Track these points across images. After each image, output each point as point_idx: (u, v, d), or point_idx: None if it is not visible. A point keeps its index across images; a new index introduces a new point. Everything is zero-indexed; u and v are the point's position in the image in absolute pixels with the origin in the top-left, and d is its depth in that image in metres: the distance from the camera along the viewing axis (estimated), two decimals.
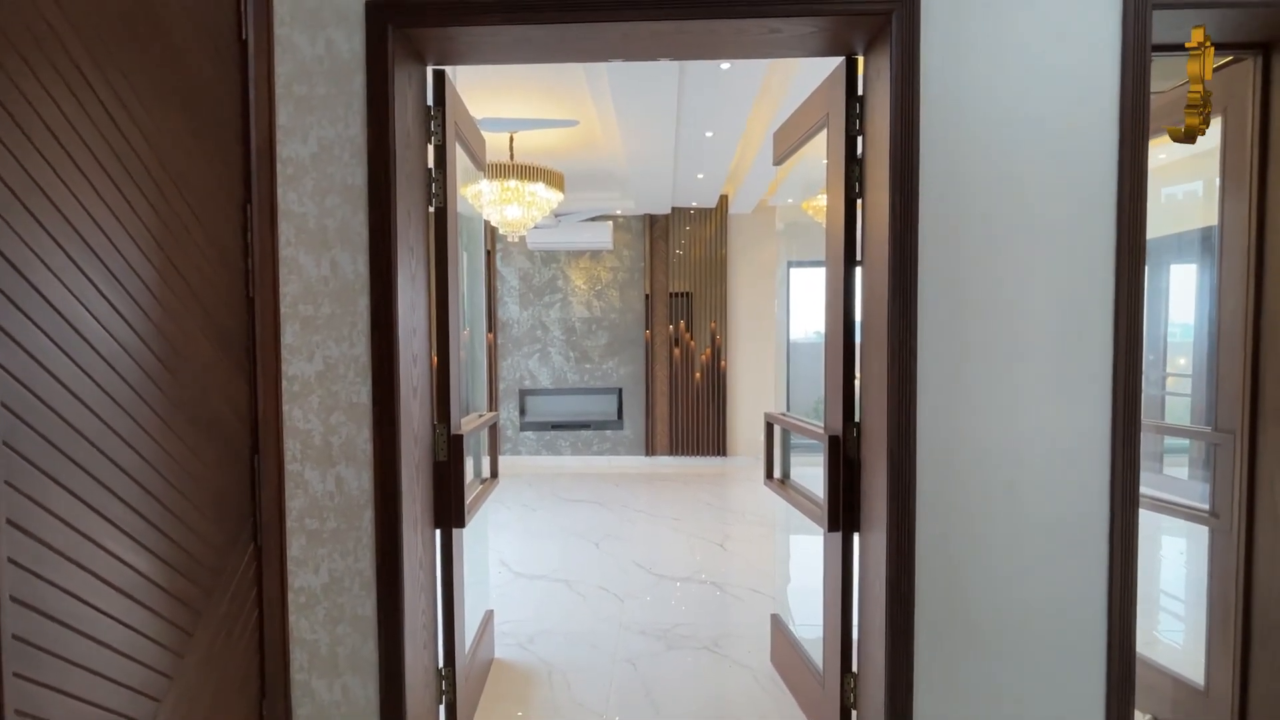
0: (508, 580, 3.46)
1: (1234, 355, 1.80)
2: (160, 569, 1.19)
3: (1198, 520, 1.92)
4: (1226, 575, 1.84)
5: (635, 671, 2.47)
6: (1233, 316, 1.82)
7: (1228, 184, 1.84)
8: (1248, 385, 1.75)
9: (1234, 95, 1.81)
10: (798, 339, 6.85)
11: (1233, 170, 1.82)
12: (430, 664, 1.84)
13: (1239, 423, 1.77)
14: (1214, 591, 1.88)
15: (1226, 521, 1.83)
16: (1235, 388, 1.80)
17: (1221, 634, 1.85)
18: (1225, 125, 1.84)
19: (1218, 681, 1.87)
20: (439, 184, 1.82)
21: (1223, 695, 1.85)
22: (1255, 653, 1.76)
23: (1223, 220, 1.86)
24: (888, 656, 1.58)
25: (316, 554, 1.63)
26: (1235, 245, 1.81)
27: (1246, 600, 1.77)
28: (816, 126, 1.98)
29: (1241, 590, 1.78)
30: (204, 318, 1.33)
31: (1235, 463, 1.78)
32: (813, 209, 4.75)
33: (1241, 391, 1.76)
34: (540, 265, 6.73)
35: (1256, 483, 1.75)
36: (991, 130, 1.54)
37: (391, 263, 1.55)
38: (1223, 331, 1.85)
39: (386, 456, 1.59)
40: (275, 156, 1.54)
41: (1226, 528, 1.83)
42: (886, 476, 1.56)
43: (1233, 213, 1.82)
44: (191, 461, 1.28)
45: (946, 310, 1.56)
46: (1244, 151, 1.77)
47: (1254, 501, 1.76)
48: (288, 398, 1.60)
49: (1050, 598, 1.57)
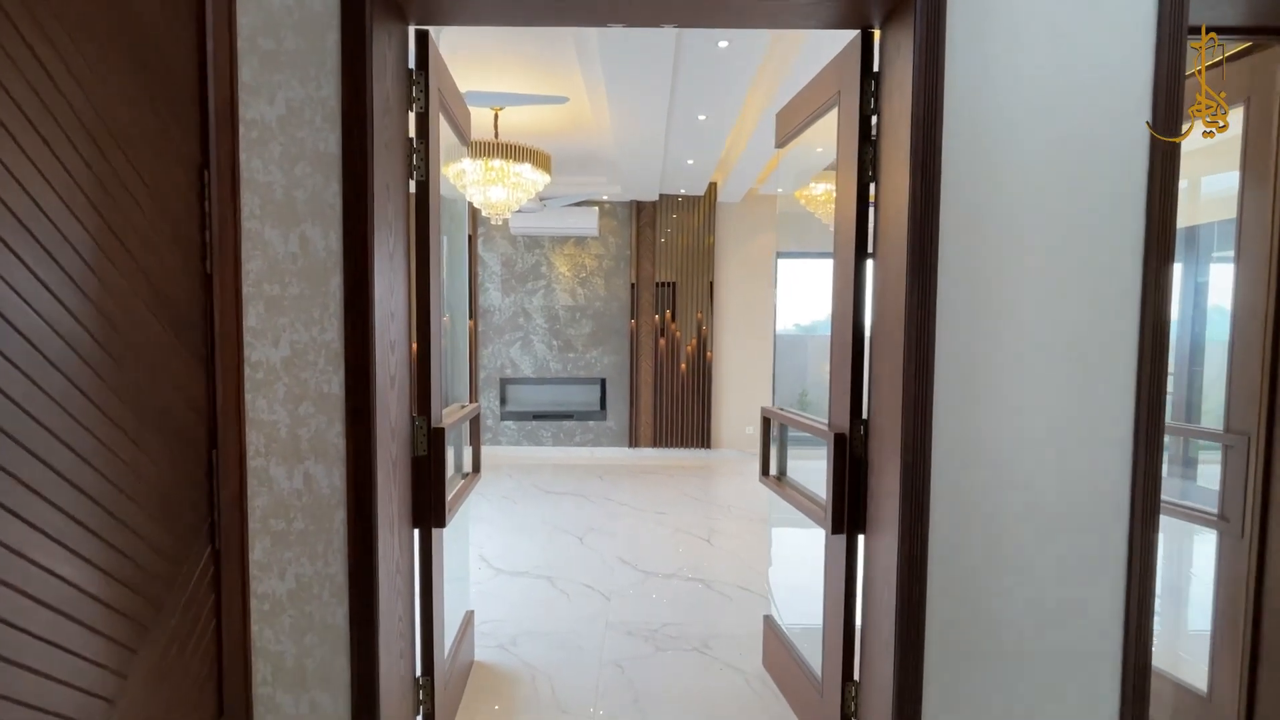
0: (488, 577, 3.34)
1: (1250, 355, 1.75)
2: (100, 581, 1.05)
3: (1204, 523, 1.87)
4: (1234, 579, 1.79)
5: (622, 675, 2.38)
6: (1249, 315, 1.76)
7: (1248, 176, 1.77)
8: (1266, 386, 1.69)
9: (1258, 83, 1.74)
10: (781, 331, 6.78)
11: (1255, 161, 1.75)
12: (407, 674, 1.71)
13: (1255, 424, 1.72)
14: (1221, 596, 1.84)
15: (1236, 525, 1.78)
16: (1250, 389, 1.74)
17: (1228, 639, 1.80)
18: (1248, 114, 1.77)
19: (1222, 688, 1.83)
20: (420, 155, 1.67)
21: (1227, 702, 1.81)
22: (1264, 659, 1.72)
23: (1241, 214, 1.79)
24: (896, 666, 1.49)
25: (282, 558, 1.49)
26: (1255, 240, 1.74)
27: (1257, 605, 1.73)
28: (826, 106, 1.87)
29: (1252, 594, 1.74)
30: (153, 296, 1.18)
31: (1249, 465, 1.73)
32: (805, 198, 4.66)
33: (1260, 393, 1.70)
34: (523, 250, 6.56)
35: (1271, 487, 1.70)
36: (1016, 112, 1.44)
37: (367, 239, 1.41)
38: (1238, 330, 1.79)
39: (361, 452, 1.46)
40: (237, 118, 1.39)
41: (1236, 531, 1.78)
42: (899, 477, 1.47)
43: (1253, 206, 1.76)
44: (138, 459, 1.14)
45: (964, 303, 1.46)
46: (1269, 142, 1.70)
47: (1268, 505, 1.70)
48: (250, 386, 1.45)
49: (1064, 608, 1.50)
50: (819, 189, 4.42)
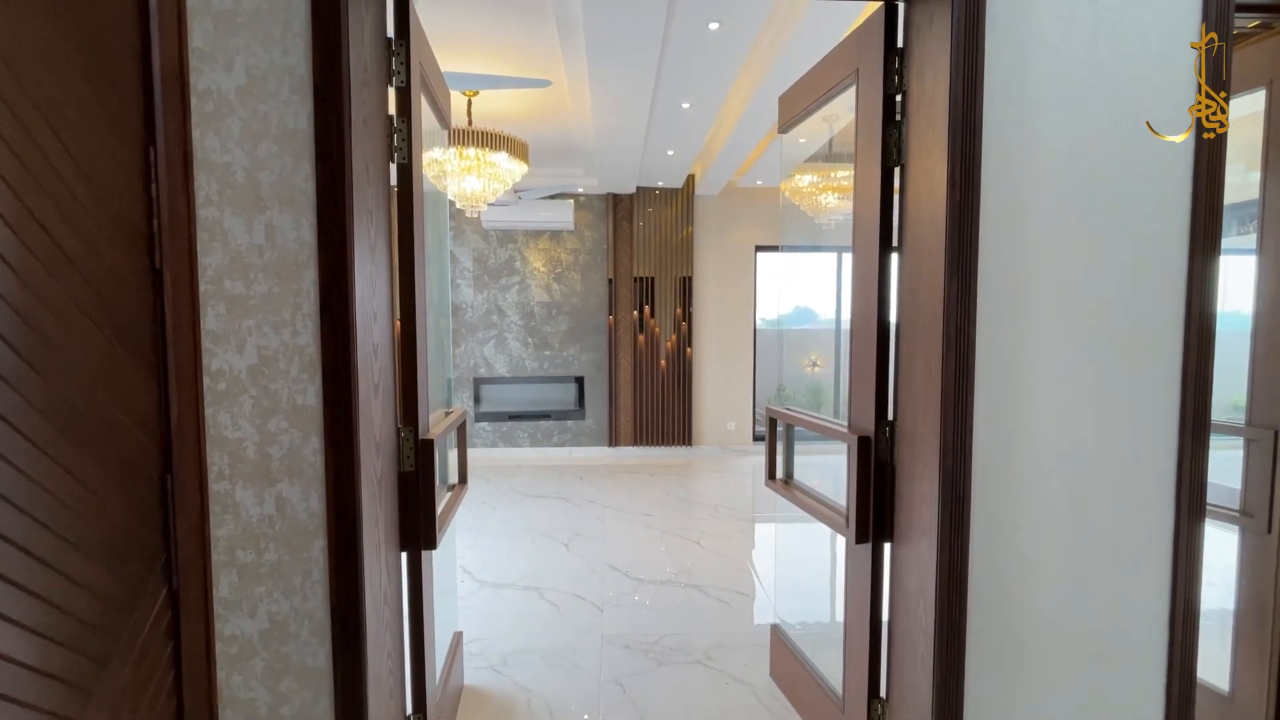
0: (472, 590, 3.16)
1: (1275, 345, 1.69)
2: (26, 643, 0.86)
3: (1226, 520, 1.82)
4: (1260, 576, 1.74)
5: (624, 694, 2.24)
6: (1273, 305, 1.71)
7: (1271, 161, 1.72)
8: None
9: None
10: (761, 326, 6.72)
11: (1278, 143, 1.70)
12: (397, 714, 1.54)
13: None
14: (1244, 593, 1.79)
15: (1262, 521, 1.73)
16: (1276, 381, 1.69)
17: (1253, 638, 1.76)
18: (1271, 97, 1.71)
19: (1245, 688, 1.79)
20: (403, 135, 1.49)
21: (1251, 702, 1.77)
22: None
23: (1264, 200, 1.74)
24: (935, 684, 1.39)
25: (252, 594, 1.30)
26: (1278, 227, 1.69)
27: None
28: (840, 86, 1.75)
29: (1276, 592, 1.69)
30: (90, 298, 0.98)
31: (1277, 460, 1.68)
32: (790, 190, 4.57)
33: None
34: (496, 245, 6.33)
35: None
36: (1057, 90, 1.34)
37: (346, 229, 1.23)
38: (1261, 321, 1.74)
39: (342, 471, 1.28)
40: (188, 87, 1.19)
41: (1261, 527, 1.73)
42: (938, 483, 1.36)
43: (1276, 189, 1.70)
44: (75, 493, 0.95)
45: (1006, 296, 1.36)
46: None
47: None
48: (211, 400, 1.26)
49: (1107, 617, 1.42)
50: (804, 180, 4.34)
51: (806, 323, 6.63)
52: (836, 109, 1.97)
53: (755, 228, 6.55)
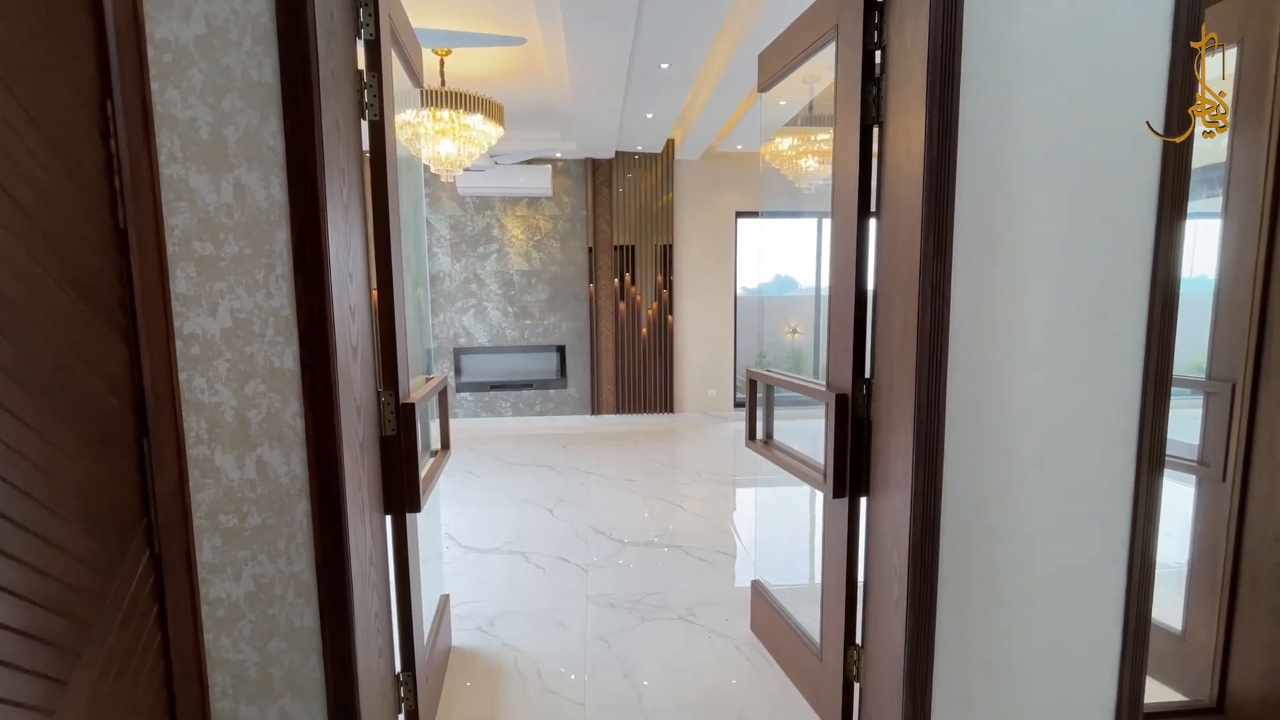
0: (458, 556, 3.19)
1: (1237, 303, 1.75)
2: (13, 608, 0.86)
3: (1184, 469, 1.90)
4: (1214, 522, 1.83)
5: (609, 650, 2.30)
6: (1238, 263, 1.75)
7: (1239, 120, 1.74)
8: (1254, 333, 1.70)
9: (1253, 21, 1.70)
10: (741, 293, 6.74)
11: (1247, 104, 1.72)
12: (387, 671, 1.57)
13: (1241, 371, 1.73)
14: (1199, 539, 1.88)
15: (1217, 470, 1.81)
16: (1237, 336, 1.75)
17: (1206, 581, 1.86)
18: (1241, 54, 1.73)
19: (1197, 629, 1.89)
20: (373, 91, 1.45)
21: (1201, 641, 1.88)
22: (1241, 599, 1.78)
23: (1231, 158, 1.77)
24: (908, 629, 1.45)
25: (237, 557, 1.30)
26: (1245, 186, 1.73)
27: (1237, 547, 1.77)
28: (820, 41, 1.73)
29: (1233, 537, 1.78)
30: (52, 258, 0.95)
31: (1234, 411, 1.75)
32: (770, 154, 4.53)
33: (1247, 340, 1.71)
34: (473, 213, 6.21)
35: (1256, 432, 1.72)
36: (1036, 40, 1.34)
37: (318, 186, 1.20)
38: (1224, 280, 1.79)
39: (324, 434, 1.28)
40: (144, 36, 1.14)
41: (1217, 476, 1.81)
42: (912, 435, 1.40)
43: (1243, 150, 1.73)
44: (47, 456, 0.93)
45: (979, 253, 1.38)
46: (1264, 84, 1.67)
47: (1251, 449, 1.73)
48: (185, 363, 1.24)
49: (1069, 565, 1.48)
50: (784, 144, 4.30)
51: (787, 290, 6.67)
52: (817, 69, 1.95)
53: (736, 193, 6.51)
